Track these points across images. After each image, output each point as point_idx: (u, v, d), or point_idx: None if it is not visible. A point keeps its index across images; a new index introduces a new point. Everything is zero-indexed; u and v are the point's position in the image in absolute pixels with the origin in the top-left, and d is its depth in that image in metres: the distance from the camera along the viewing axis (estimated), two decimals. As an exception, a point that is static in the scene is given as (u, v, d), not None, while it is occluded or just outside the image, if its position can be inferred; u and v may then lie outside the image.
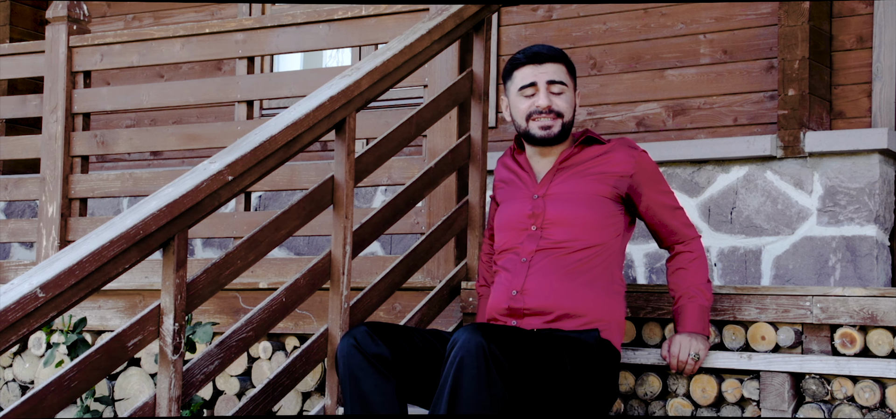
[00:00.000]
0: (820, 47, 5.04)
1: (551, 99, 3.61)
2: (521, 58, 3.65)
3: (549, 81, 3.61)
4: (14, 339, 2.69)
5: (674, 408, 3.72)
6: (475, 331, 3.13)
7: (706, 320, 3.60)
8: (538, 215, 3.59)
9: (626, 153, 3.63)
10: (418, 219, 4.34)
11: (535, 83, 3.62)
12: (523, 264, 3.56)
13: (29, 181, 5.33)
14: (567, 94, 3.64)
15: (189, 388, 3.22)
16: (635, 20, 5.60)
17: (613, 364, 3.52)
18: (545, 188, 3.63)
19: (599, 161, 3.63)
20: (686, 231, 3.67)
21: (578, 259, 3.53)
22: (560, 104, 3.61)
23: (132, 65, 5.11)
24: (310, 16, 4.67)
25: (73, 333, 4.20)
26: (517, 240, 3.61)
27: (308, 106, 3.50)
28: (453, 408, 3.09)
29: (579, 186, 3.60)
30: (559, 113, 3.61)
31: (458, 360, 3.10)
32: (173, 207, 3.05)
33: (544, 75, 3.62)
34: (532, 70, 3.63)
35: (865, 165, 4.76)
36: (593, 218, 3.55)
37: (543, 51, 3.65)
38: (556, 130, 3.61)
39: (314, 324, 4.34)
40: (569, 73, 3.67)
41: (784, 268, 4.91)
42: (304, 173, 4.62)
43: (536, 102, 3.61)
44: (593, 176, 3.61)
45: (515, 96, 3.66)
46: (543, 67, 3.62)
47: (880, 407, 3.46)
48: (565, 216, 3.57)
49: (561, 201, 3.59)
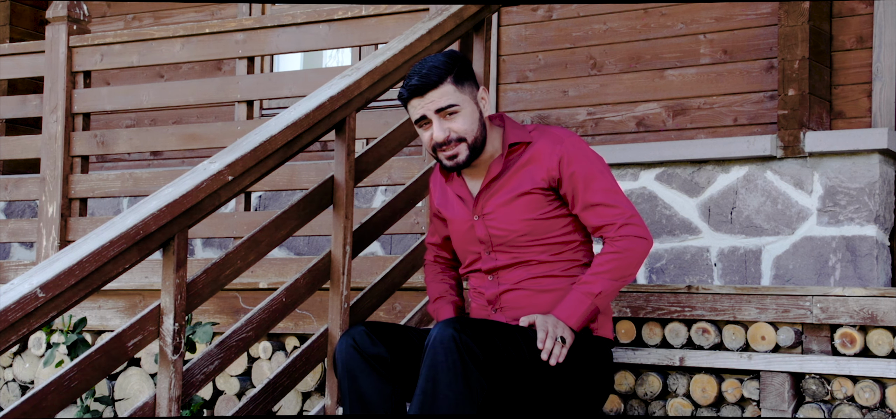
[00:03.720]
0: (820, 47, 5.04)
1: (446, 126, 3.36)
2: (405, 93, 3.40)
3: (438, 110, 3.36)
4: (14, 339, 2.69)
5: (674, 408, 3.72)
6: (447, 324, 3.12)
7: (581, 311, 3.33)
8: (484, 241, 3.49)
9: (549, 148, 3.42)
10: (418, 219, 4.34)
11: (425, 116, 3.38)
12: (491, 281, 3.52)
13: (29, 181, 5.33)
14: (464, 110, 3.38)
15: (189, 388, 3.22)
16: (635, 20, 5.60)
17: (604, 352, 3.48)
18: (481, 208, 3.49)
19: (525, 161, 3.44)
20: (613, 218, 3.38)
21: (542, 263, 3.44)
22: (458, 127, 3.36)
23: (132, 65, 5.11)
24: (310, 16, 4.67)
25: (73, 333, 4.20)
26: (477, 260, 3.53)
27: (308, 106, 3.50)
28: (432, 402, 3.09)
29: (511, 194, 3.44)
30: (460, 137, 3.37)
31: (433, 355, 3.10)
32: (173, 207, 3.05)
33: (431, 105, 3.36)
34: (419, 103, 3.38)
35: (865, 165, 4.76)
36: (537, 223, 3.43)
37: (420, 82, 3.36)
38: (462, 157, 3.39)
39: (314, 324, 4.34)
40: (459, 87, 3.38)
41: (784, 268, 4.91)
42: (304, 173, 4.62)
43: (434, 136, 3.38)
44: (522, 178, 3.43)
45: (418, 129, 3.45)
46: (427, 97, 3.36)
47: (880, 407, 3.46)
48: (509, 231, 3.44)
49: (500, 218, 3.46)
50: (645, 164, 5.20)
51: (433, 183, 3.69)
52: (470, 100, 3.40)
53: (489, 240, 3.48)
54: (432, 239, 3.76)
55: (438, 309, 3.67)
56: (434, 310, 3.69)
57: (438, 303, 3.67)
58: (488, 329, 3.22)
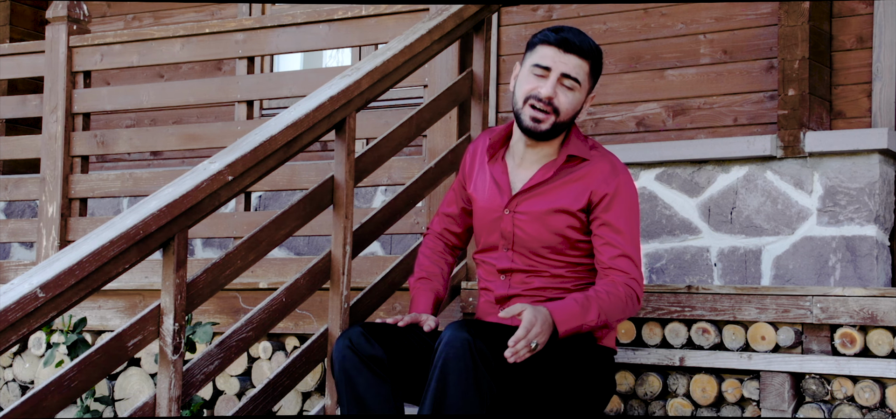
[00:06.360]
0: (820, 47, 5.04)
1: (556, 92, 3.37)
2: (552, 37, 3.37)
3: (564, 74, 3.36)
4: (14, 339, 2.69)
5: (674, 408, 3.72)
6: (461, 327, 3.12)
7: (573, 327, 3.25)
8: (507, 237, 3.49)
9: (602, 173, 3.41)
10: (418, 219, 4.34)
11: (549, 68, 3.37)
12: (503, 282, 3.52)
13: (29, 181, 5.33)
14: (576, 93, 3.39)
15: (189, 388, 3.22)
16: (635, 20, 5.60)
17: (607, 360, 3.49)
18: (516, 204, 3.47)
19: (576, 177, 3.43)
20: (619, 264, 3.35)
21: (556, 277, 3.45)
22: (562, 101, 3.37)
23: (132, 65, 5.11)
24: (310, 16, 4.67)
25: (73, 333, 4.20)
26: (493, 251, 3.53)
27: (308, 106, 3.50)
28: (441, 404, 3.09)
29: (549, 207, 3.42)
30: (556, 109, 3.37)
31: (444, 357, 3.09)
32: (173, 207, 3.05)
33: (563, 65, 3.36)
34: (553, 54, 3.37)
35: (865, 165, 4.76)
36: (564, 240, 3.42)
37: (575, 41, 3.36)
38: (544, 127, 3.38)
39: (314, 324, 4.34)
40: (590, 75, 3.42)
41: (784, 268, 4.91)
42: (304, 173, 4.62)
43: (539, 89, 3.37)
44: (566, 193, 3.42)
45: (527, 71, 3.40)
46: (566, 57, 3.37)
47: (880, 407, 3.46)
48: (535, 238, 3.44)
49: (530, 223, 3.44)
50: (645, 164, 5.20)
51: (470, 156, 3.64)
52: (584, 92, 3.43)
53: (512, 238, 3.48)
54: (448, 209, 3.71)
55: (418, 291, 3.60)
56: (414, 289, 3.62)
57: (420, 285, 3.62)
58: (499, 333, 3.22)
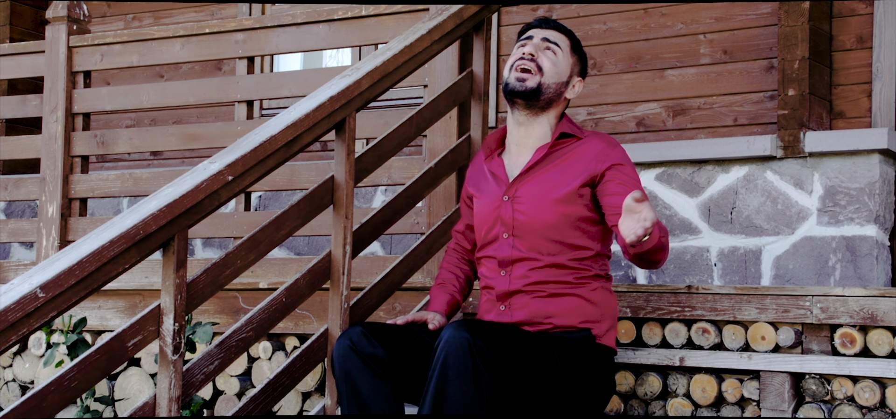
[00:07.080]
0: (820, 47, 5.04)
1: (539, 53, 3.52)
2: (533, 23, 3.61)
3: (545, 39, 3.56)
4: (14, 339, 2.69)
5: (674, 408, 3.72)
6: (461, 326, 3.12)
7: (658, 235, 3.16)
8: (507, 224, 3.50)
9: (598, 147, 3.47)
10: (418, 219, 4.34)
11: (531, 36, 3.57)
12: (504, 277, 3.52)
13: (29, 181, 5.33)
14: (559, 56, 3.53)
15: (189, 388, 3.22)
16: (635, 20, 5.60)
17: (607, 359, 3.49)
18: (514, 189, 3.51)
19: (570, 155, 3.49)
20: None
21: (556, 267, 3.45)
22: (545, 60, 3.51)
23: (132, 65, 5.11)
24: (310, 16, 4.67)
25: (73, 333, 4.20)
26: (494, 243, 3.54)
27: (308, 106, 3.50)
28: (441, 404, 3.09)
29: (546, 188, 3.47)
30: (540, 67, 3.50)
31: (444, 357, 3.10)
32: (173, 207, 3.05)
33: (543, 33, 3.57)
34: (535, 30, 3.59)
35: (865, 165, 4.76)
36: (564, 219, 3.44)
37: (554, 21, 3.60)
38: (530, 84, 3.48)
39: (314, 324, 4.34)
40: (572, 51, 3.58)
41: (784, 268, 4.91)
42: (304, 173, 4.62)
43: (525, 49, 3.53)
44: (562, 173, 3.47)
45: (515, 50, 3.58)
46: (547, 31, 3.57)
47: (880, 407, 3.46)
48: (535, 220, 3.46)
49: (529, 205, 3.47)
50: (645, 163, 5.20)
51: (472, 168, 3.74)
52: (568, 67, 3.56)
53: (513, 224, 3.49)
54: (459, 226, 3.82)
55: (434, 294, 3.71)
56: (431, 293, 3.73)
57: (437, 289, 3.71)
58: (500, 333, 3.22)
